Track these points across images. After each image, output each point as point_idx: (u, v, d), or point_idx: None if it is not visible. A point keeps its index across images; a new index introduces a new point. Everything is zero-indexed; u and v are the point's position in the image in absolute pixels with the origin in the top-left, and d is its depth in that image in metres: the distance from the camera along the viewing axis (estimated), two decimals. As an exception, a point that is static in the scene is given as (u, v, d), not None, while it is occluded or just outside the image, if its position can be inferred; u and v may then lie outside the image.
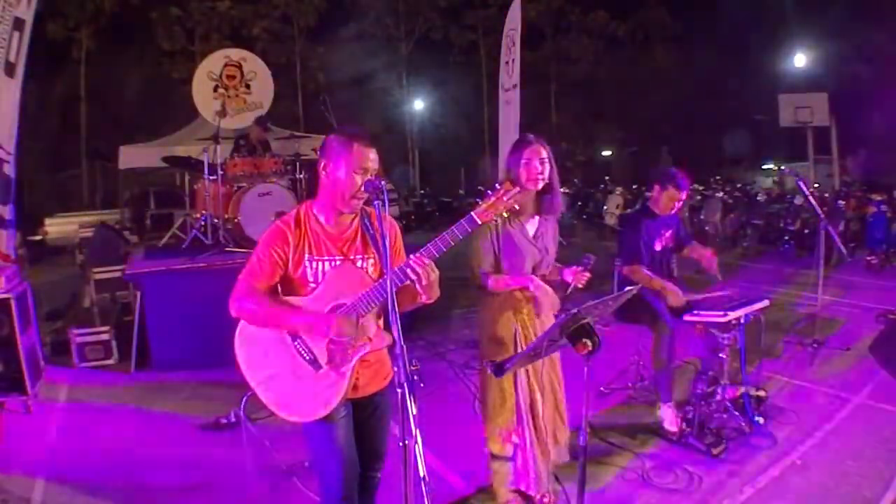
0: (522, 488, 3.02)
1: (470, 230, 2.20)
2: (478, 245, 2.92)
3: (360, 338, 2.21)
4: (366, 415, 2.40)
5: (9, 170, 5.20)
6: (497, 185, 2.20)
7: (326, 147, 2.26)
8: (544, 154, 2.88)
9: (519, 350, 2.87)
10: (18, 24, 5.18)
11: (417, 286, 2.14)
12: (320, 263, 2.26)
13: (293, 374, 2.23)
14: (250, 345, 2.27)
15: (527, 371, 2.95)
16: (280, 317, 2.22)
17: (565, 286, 2.97)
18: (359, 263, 2.30)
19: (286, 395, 2.24)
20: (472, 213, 2.21)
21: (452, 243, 2.18)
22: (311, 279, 2.25)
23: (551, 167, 2.91)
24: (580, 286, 2.85)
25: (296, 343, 2.23)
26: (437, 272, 2.15)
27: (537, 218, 3.01)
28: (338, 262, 2.27)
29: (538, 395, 2.97)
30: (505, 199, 2.18)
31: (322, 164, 2.25)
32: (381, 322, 2.30)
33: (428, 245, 2.15)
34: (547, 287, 2.95)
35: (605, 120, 29.07)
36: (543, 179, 2.89)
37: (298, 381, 2.22)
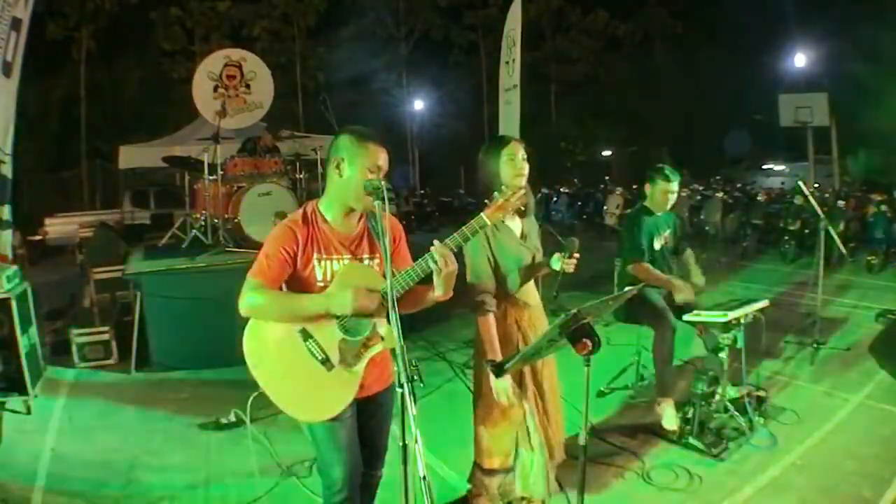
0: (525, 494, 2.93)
1: (480, 231, 2.24)
2: (478, 261, 2.77)
3: (378, 315, 2.19)
4: (368, 414, 2.40)
5: (6, 170, 5.19)
6: (503, 187, 2.23)
7: (340, 146, 2.24)
8: (524, 153, 2.80)
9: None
10: (16, 23, 5.17)
11: (436, 277, 2.15)
12: (329, 262, 2.25)
13: (305, 374, 2.21)
14: (260, 344, 2.24)
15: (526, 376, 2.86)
16: (294, 305, 2.20)
17: (555, 276, 2.82)
18: (366, 262, 2.31)
19: (298, 394, 2.22)
20: (482, 214, 2.23)
21: (463, 243, 2.21)
22: (319, 278, 2.25)
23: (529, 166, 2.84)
24: (570, 271, 2.74)
25: (307, 343, 2.21)
26: (455, 265, 2.16)
27: (518, 219, 2.92)
28: (346, 262, 2.27)
29: (538, 399, 2.90)
30: (512, 201, 2.24)
31: (335, 162, 2.24)
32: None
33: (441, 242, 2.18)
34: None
35: (605, 120, 29.01)
36: (525, 176, 2.78)
37: (310, 381, 2.21)
